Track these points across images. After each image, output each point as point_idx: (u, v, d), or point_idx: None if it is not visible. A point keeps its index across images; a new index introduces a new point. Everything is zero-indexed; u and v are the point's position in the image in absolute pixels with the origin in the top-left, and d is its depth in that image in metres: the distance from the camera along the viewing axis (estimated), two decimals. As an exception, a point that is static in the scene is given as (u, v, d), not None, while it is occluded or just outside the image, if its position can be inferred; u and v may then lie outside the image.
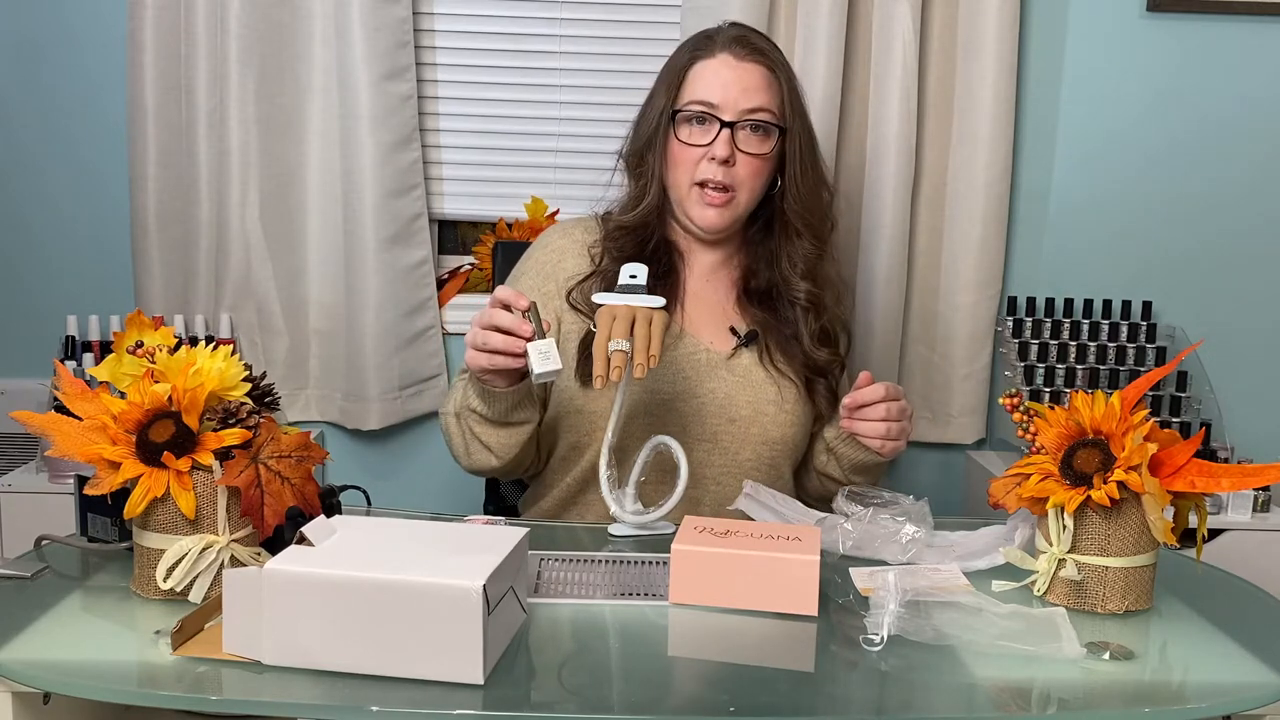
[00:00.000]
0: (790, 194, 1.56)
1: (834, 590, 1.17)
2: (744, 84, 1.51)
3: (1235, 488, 1.12)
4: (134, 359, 1.15)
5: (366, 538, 1.03)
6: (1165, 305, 2.21)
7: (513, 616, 1.02)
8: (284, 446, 1.12)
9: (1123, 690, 0.98)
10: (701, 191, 1.52)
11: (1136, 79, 2.17)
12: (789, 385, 1.55)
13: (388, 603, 0.93)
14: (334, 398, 2.22)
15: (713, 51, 1.53)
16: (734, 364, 1.54)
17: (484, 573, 0.93)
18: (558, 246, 1.60)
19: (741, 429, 1.52)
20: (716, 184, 1.51)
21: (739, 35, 1.54)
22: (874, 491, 1.34)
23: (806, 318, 1.57)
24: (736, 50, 1.52)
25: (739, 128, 1.50)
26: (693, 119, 1.51)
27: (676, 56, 1.57)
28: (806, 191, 1.56)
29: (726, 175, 1.51)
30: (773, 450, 1.54)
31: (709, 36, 1.55)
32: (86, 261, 2.20)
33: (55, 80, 2.15)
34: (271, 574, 0.95)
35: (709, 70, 1.52)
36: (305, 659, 0.95)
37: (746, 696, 0.96)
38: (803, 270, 1.57)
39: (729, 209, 1.53)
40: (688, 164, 1.52)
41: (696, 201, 1.53)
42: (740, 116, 1.50)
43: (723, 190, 1.51)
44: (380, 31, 2.04)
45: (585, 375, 1.50)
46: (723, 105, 1.50)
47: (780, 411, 1.53)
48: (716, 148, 1.50)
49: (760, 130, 1.51)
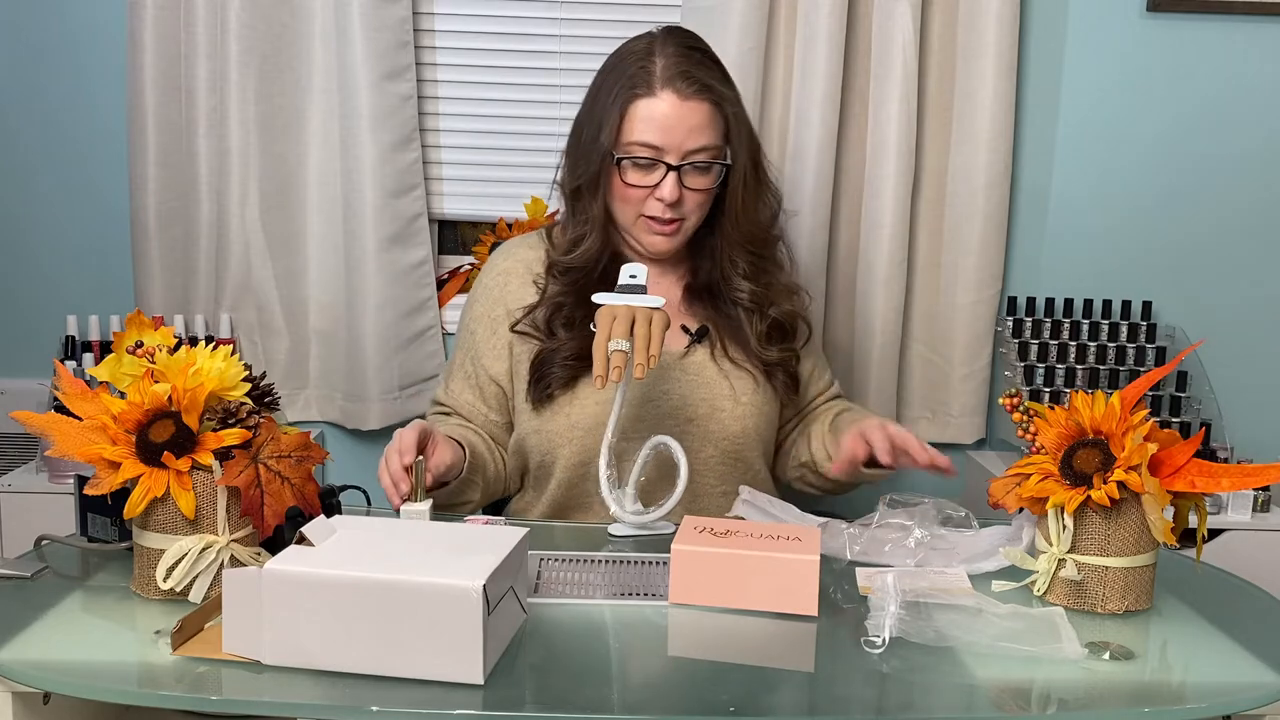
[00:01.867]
0: (729, 217, 1.55)
1: (835, 591, 1.17)
2: (688, 125, 1.46)
3: (1235, 488, 1.12)
4: (134, 359, 1.15)
5: (366, 538, 1.03)
6: (1165, 305, 2.21)
7: (513, 616, 1.02)
8: (284, 446, 1.12)
9: (1123, 690, 0.98)
10: (649, 222, 1.52)
11: (1136, 79, 2.17)
12: (743, 377, 1.55)
13: (388, 603, 0.93)
14: (334, 398, 2.22)
15: (653, 89, 1.46)
16: (687, 363, 1.54)
17: (484, 573, 0.93)
18: (503, 269, 1.60)
19: (700, 427, 1.52)
20: (664, 219, 1.51)
21: (682, 70, 1.47)
22: (915, 497, 1.32)
23: (751, 318, 1.57)
24: (680, 88, 1.46)
25: (684, 169, 1.48)
26: (637, 163, 1.48)
27: (614, 83, 1.49)
28: (748, 214, 1.55)
29: (675, 211, 1.50)
30: (735, 444, 1.54)
31: (645, 68, 1.47)
32: (86, 261, 2.20)
33: (55, 80, 2.15)
34: (271, 574, 0.95)
35: (652, 110, 1.46)
36: (305, 659, 0.95)
37: (746, 696, 0.96)
38: (744, 271, 1.57)
39: (678, 235, 1.54)
40: (634, 200, 1.51)
41: (644, 230, 1.53)
42: (685, 159, 1.47)
43: (671, 222, 1.51)
44: (380, 31, 2.04)
45: (539, 397, 1.51)
46: (667, 148, 1.46)
47: (736, 405, 1.53)
48: (663, 191, 1.47)
49: (705, 167, 1.49)
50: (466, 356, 1.59)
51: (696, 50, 1.52)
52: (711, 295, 1.59)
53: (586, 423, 1.49)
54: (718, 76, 1.51)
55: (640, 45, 1.51)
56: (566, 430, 1.50)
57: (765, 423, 1.57)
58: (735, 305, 1.57)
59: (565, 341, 1.51)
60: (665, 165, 1.47)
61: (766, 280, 1.59)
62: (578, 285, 1.54)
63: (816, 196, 2.08)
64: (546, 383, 1.51)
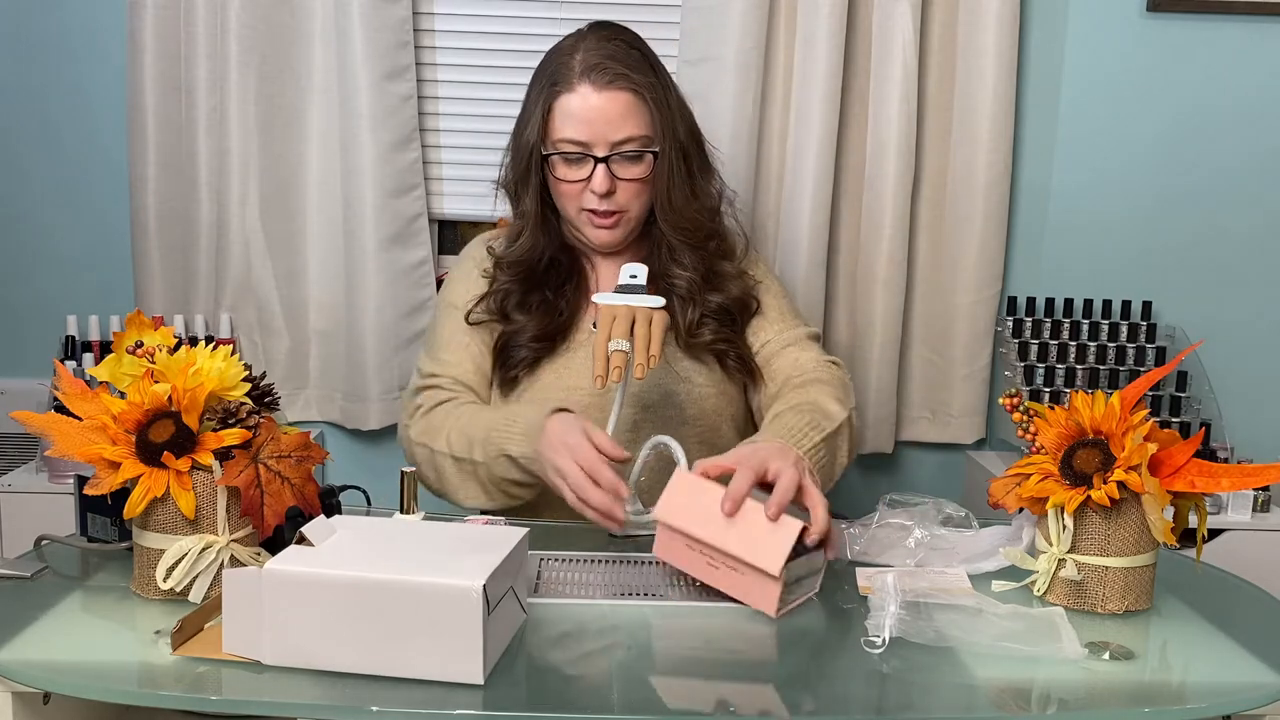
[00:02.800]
0: (659, 207, 1.54)
1: (835, 591, 1.17)
2: (608, 116, 1.47)
3: (1235, 488, 1.12)
4: (134, 359, 1.15)
5: (366, 538, 1.03)
6: (1165, 305, 2.21)
7: (513, 616, 1.02)
8: (284, 446, 1.12)
9: (1123, 690, 0.98)
10: (590, 215, 1.52)
11: (1136, 79, 2.17)
12: (689, 361, 1.55)
13: (387, 603, 0.93)
14: (334, 398, 2.22)
15: (571, 84, 1.47)
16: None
17: (484, 573, 0.93)
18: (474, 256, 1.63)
19: (657, 413, 1.52)
20: (603, 211, 1.51)
21: (595, 62, 1.47)
22: (915, 497, 1.32)
23: (685, 306, 1.55)
24: (595, 79, 1.47)
25: (612, 160, 1.48)
26: (565, 158, 1.49)
27: (539, 82, 1.52)
28: (678, 206, 1.53)
29: (611, 203, 1.51)
30: (698, 425, 1.54)
31: (565, 64, 1.49)
32: (86, 261, 2.20)
33: (55, 80, 2.15)
34: (271, 574, 0.95)
35: (572, 105, 1.47)
36: (305, 659, 0.95)
37: (746, 697, 0.96)
38: (685, 262, 1.56)
39: (621, 227, 1.54)
40: (571, 195, 1.52)
41: (587, 224, 1.54)
42: (612, 149, 1.48)
43: (610, 214, 1.52)
44: (380, 31, 2.04)
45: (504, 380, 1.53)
46: (592, 142, 1.47)
47: (693, 387, 1.54)
48: (595, 183, 1.48)
49: (635, 156, 1.49)
50: (456, 329, 1.58)
51: (618, 41, 1.52)
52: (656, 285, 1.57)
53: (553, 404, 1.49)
54: (638, 65, 1.50)
55: (567, 42, 1.53)
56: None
57: (727, 400, 1.57)
58: (671, 293, 1.55)
59: (525, 323, 1.53)
60: (593, 158, 1.48)
61: (708, 269, 1.57)
62: (521, 276, 1.56)
63: (816, 196, 2.08)
64: (511, 365, 1.53)
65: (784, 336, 1.59)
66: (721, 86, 2.06)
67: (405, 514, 1.27)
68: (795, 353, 1.56)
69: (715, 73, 2.06)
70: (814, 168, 2.07)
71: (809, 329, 1.62)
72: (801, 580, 1.14)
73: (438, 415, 1.50)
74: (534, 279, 1.56)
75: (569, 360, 1.54)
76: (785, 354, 1.57)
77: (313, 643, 0.95)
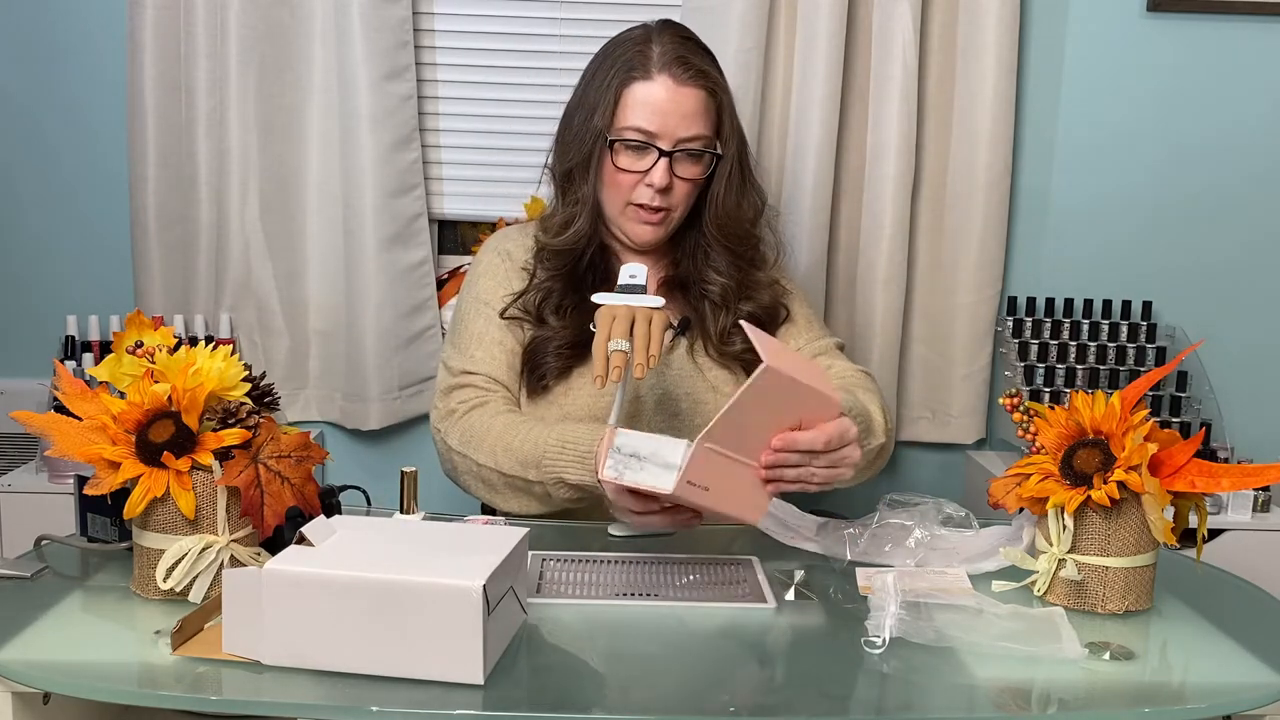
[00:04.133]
0: (711, 212, 1.54)
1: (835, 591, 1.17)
2: (683, 111, 1.46)
3: (1235, 488, 1.12)
4: (134, 359, 1.15)
5: (366, 538, 1.03)
6: (1165, 305, 2.21)
7: (513, 616, 1.02)
8: (284, 446, 1.12)
9: (1123, 690, 0.98)
10: (637, 210, 1.51)
11: (1136, 79, 2.17)
12: (719, 370, 1.55)
13: (387, 603, 0.93)
14: (334, 398, 2.22)
15: (650, 73, 1.47)
16: (670, 358, 1.54)
17: (484, 573, 0.93)
18: (501, 250, 1.60)
19: (687, 421, 1.51)
20: (652, 207, 1.50)
21: (679, 56, 1.47)
22: (915, 497, 1.32)
23: (718, 313, 1.55)
24: (676, 73, 1.46)
25: (675, 156, 1.48)
26: (629, 146, 1.48)
27: (610, 68, 1.50)
28: (728, 210, 1.53)
29: (663, 199, 1.50)
30: None
31: (644, 53, 1.48)
32: (86, 261, 2.20)
33: (55, 80, 2.15)
34: (271, 574, 0.95)
35: (648, 94, 1.46)
36: (305, 659, 0.95)
37: (746, 696, 0.96)
38: (720, 268, 1.56)
39: (664, 226, 1.53)
40: (624, 187, 1.50)
41: (632, 219, 1.53)
42: (677, 145, 1.47)
43: (658, 210, 1.51)
44: (380, 31, 2.04)
45: (533, 387, 1.51)
46: (661, 134, 1.47)
47: (717, 396, 1.53)
48: (654, 176, 1.47)
49: (696, 155, 1.49)
50: (489, 324, 1.55)
51: (692, 40, 1.53)
52: (685, 289, 1.59)
53: (579, 414, 1.49)
54: (715, 67, 1.52)
55: (637, 33, 1.52)
56: (560, 419, 1.50)
57: None
58: (705, 299, 1.56)
59: (558, 330, 1.51)
60: (658, 150, 1.47)
61: (742, 277, 1.57)
62: (565, 271, 1.54)
63: (816, 196, 2.08)
64: (541, 372, 1.51)
65: (814, 346, 1.60)
66: (721, 86, 2.06)
67: (405, 514, 1.27)
68: (827, 360, 1.57)
69: (715, 73, 2.06)
70: (814, 168, 2.07)
71: (836, 339, 1.64)
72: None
73: (477, 424, 1.46)
74: (574, 276, 1.54)
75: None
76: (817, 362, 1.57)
77: (312, 643, 0.95)
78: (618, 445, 1.16)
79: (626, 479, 1.14)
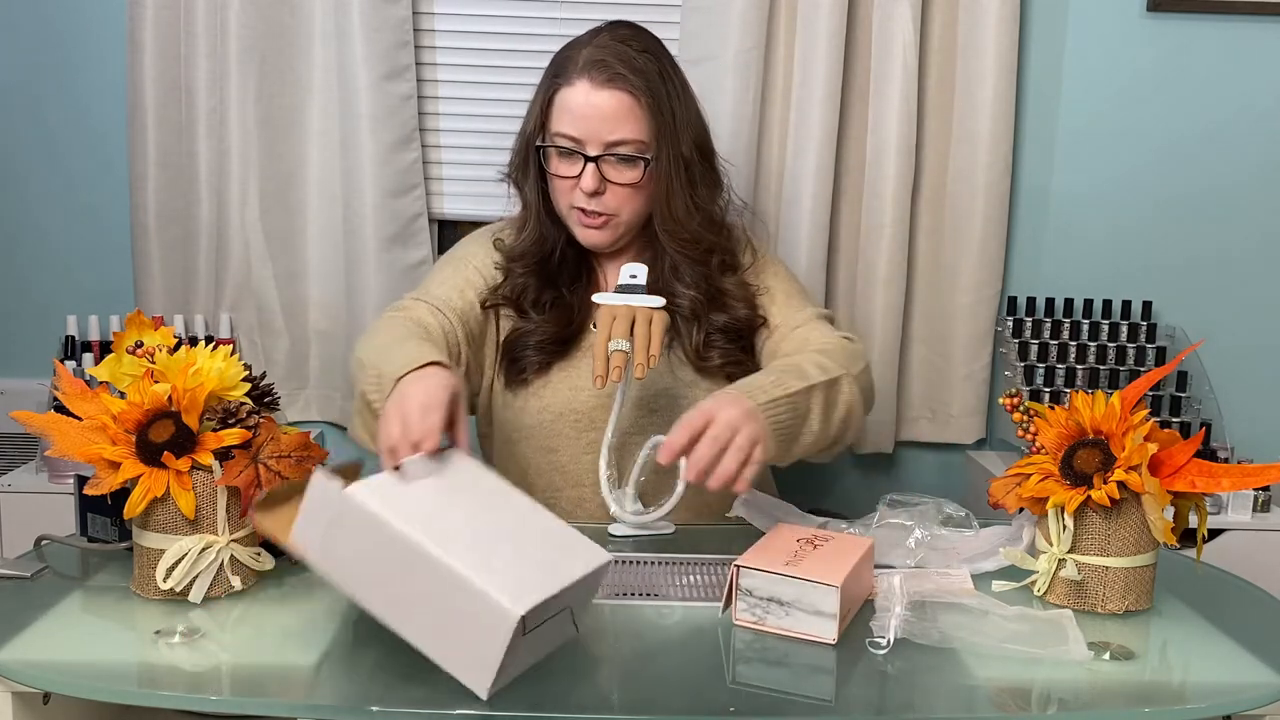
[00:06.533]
0: (659, 218, 1.51)
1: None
2: (604, 114, 1.44)
3: (1235, 488, 1.12)
4: (134, 359, 1.15)
5: (455, 501, 1.02)
6: (1165, 305, 2.21)
7: (557, 633, 0.99)
8: (284, 446, 1.12)
9: (1123, 690, 0.98)
10: (579, 214, 1.51)
11: (1136, 79, 2.17)
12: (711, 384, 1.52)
13: (434, 580, 0.92)
14: (334, 398, 2.22)
15: (572, 79, 1.46)
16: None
17: (536, 597, 0.91)
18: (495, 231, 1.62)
19: (664, 418, 1.49)
20: (591, 211, 1.49)
21: (599, 59, 1.45)
22: (915, 497, 1.32)
23: (690, 327, 1.53)
24: (595, 76, 1.44)
25: (604, 160, 1.46)
26: (559, 152, 1.48)
27: (546, 74, 1.51)
28: (678, 217, 1.50)
29: (600, 204, 1.48)
30: None
31: (572, 57, 1.48)
32: (86, 261, 2.20)
33: (55, 80, 2.15)
34: (347, 500, 0.95)
35: (570, 100, 1.45)
36: (344, 583, 0.96)
37: (747, 697, 0.96)
38: (687, 279, 1.53)
39: (609, 229, 1.52)
40: (563, 191, 1.50)
41: (577, 224, 1.52)
42: (604, 149, 1.45)
43: (598, 215, 1.50)
44: (380, 31, 2.04)
45: (512, 379, 1.52)
46: (585, 139, 1.45)
47: (700, 392, 1.49)
48: (584, 182, 1.46)
49: (627, 159, 1.47)
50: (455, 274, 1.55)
51: (631, 42, 1.49)
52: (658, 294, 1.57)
53: (557, 409, 1.50)
54: (643, 69, 1.47)
55: (583, 37, 1.52)
56: (537, 413, 1.51)
57: None
58: (676, 313, 1.52)
59: (539, 325, 1.52)
60: (584, 156, 1.46)
61: (711, 286, 1.53)
62: (534, 268, 1.54)
63: (816, 196, 2.08)
64: (521, 365, 1.52)
65: (792, 319, 1.55)
66: (721, 86, 2.06)
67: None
68: (804, 333, 1.52)
69: (715, 73, 2.06)
70: (814, 168, 2.07)
71: (819, 310, 1.58)
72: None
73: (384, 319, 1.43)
74: (547, 273, 1.54)
75: (579, 361, 1.54)
76: (794, 335, 1.53)
77: (356, 575, 0.96)
78: (747, 588, 1.07)
79: (769, 624, 1.07)
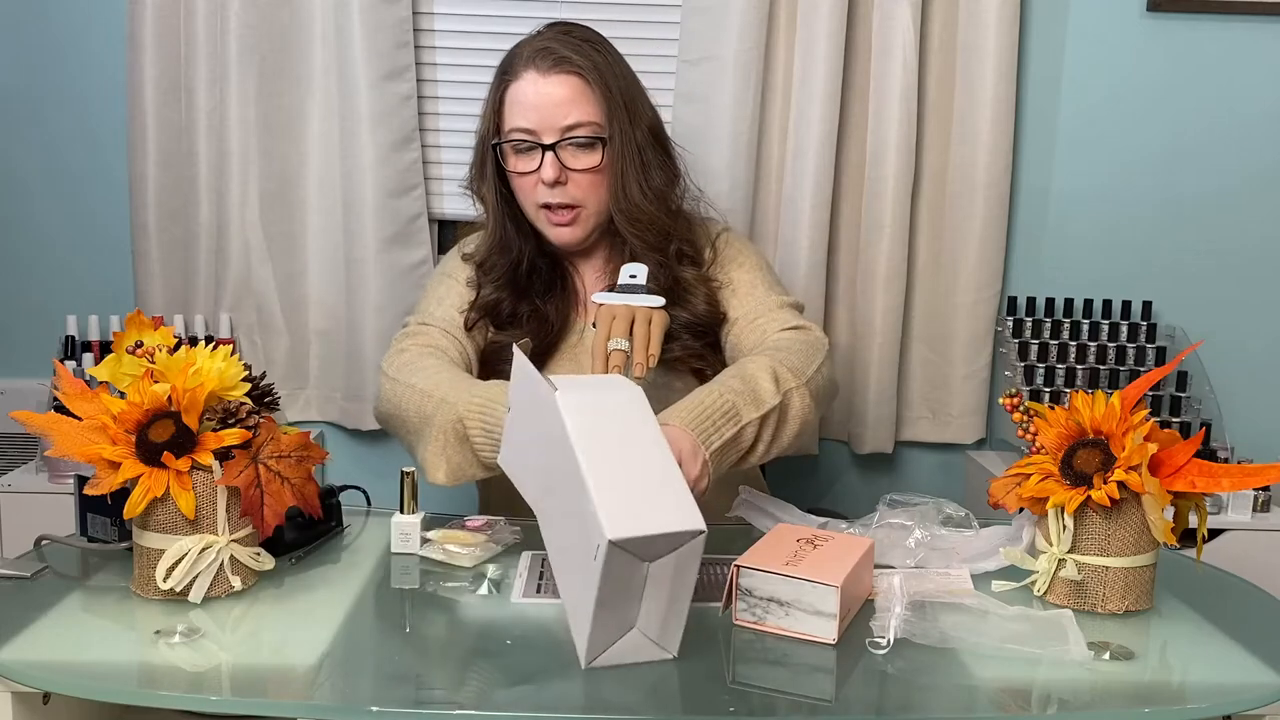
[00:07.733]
0: (614, 201, 1.48)
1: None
2: (554, 100, 1.44)
3: (1235, 488, 1.12)
4: (134, 359, 1.15)
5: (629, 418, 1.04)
6: (1165, 305, 2.21)
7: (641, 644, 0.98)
8: (284, 446, 1.12)
9: (1123, 690, 0.98)
10: (546, 212, 1.49)
11: (1136, 79, 2.17)
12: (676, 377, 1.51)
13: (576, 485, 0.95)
14: (334, 398, 2.22)
15: (518, 72, 1.46)
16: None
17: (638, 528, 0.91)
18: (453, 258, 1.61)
19: None
20: (557, 206, 1.48)
21: (543, 47, 1.46)
22: (915, 497, 1.31)
23: None
24: (540, 64, 1.45)
25: (561, 147, 1.45)
26: (516, 148, 1.47)
27: (495, 76, 1.51)
28: (634, 199, 1.48)
29: (564, 195, 1.47)
30: None
31: (516, 54, 1.48)
32: (86, 261, 2.20)
33: (55, 80, 2.15)
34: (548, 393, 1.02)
35: (519, 93, 1.45)
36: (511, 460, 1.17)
37: (747, 697, 0.96)
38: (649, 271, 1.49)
39: (579, 224, 1.50)
40: (527, 190, 1.49)
41: (545, 223, 1.51)
42: (560, 135, 1.44)
43: (566, 209, 1.49)
44: (380, 31, 2.04)
45: None
46: (540, 128, 1.45)
47: (671, 392, 1.46)
48: (544, 172, 1.45)
49: (584, 144, 1.46)
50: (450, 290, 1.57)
51: (572, 35, 1.50)
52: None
53: None
54: (587, 53, 1.47)
55: (526, 37, 1.52)
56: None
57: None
58: None
59: (518, 338, 1.48)
60: (541, 146, 1.45)
61: (670, 278, 1.51)
62: (504, 283, 1.54)
63: (816, 196, 2.08)
64: (503, 377, 1.50)
65: (752, 310, 1.52)
66: (721, 86, 2.06)
67: (405, 514, 1.26)
68: (764, 324, 1.50)
69: (715, 73, 2.06)
70: (814, 168, 2.07)
71: (782, 298, 1.55)
72: None
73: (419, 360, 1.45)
74: (519, 285, 1.53)
75: (563, 366, 1.53)
76: (754, 327, 1.50)
77: (524, 458, 1.12)
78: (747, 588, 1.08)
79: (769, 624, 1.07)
